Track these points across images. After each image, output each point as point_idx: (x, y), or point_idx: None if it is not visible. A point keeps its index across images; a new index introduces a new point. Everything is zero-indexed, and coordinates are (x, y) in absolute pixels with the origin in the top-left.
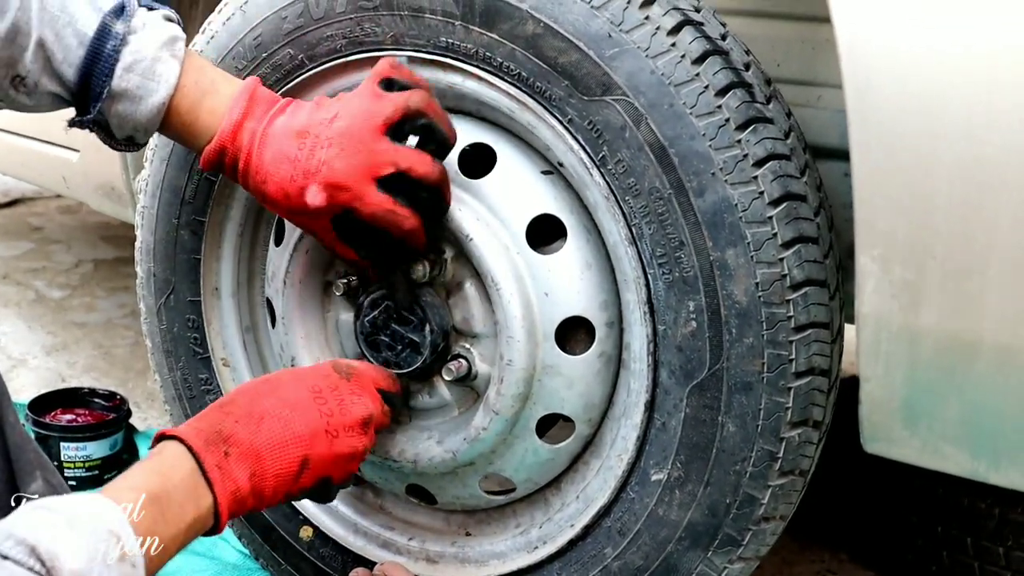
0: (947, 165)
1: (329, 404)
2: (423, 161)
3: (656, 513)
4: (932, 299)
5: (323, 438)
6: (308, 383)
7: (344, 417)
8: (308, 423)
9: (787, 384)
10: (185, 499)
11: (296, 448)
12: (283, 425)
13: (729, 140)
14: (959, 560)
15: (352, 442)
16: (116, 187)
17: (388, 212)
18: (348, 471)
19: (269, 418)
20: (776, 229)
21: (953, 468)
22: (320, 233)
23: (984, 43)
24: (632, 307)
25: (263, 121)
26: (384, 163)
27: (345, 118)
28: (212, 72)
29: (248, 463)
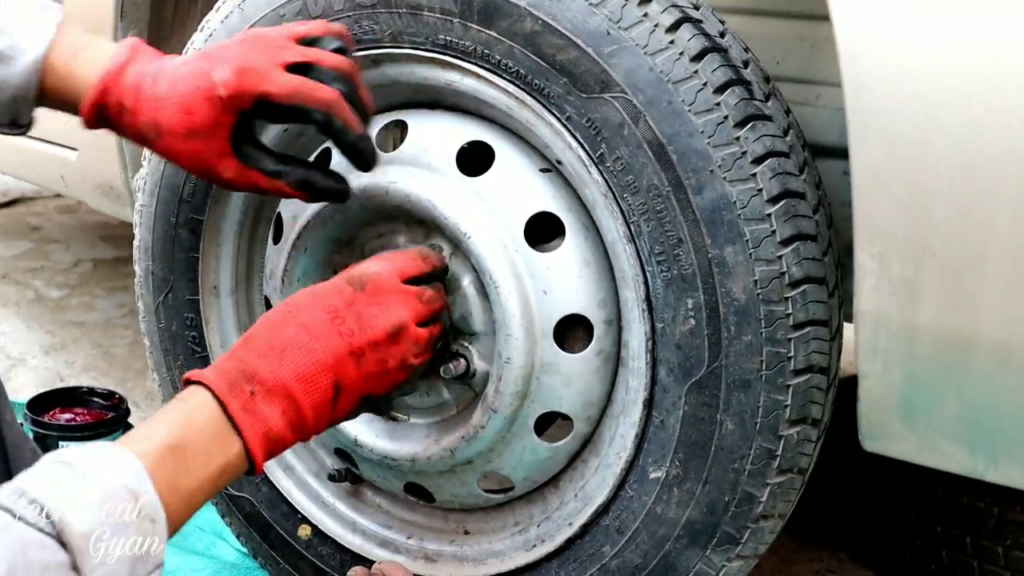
0: (946, 162)
1: (348, 322)
2: (332, 56)
3: (654, 511)
4: (930, 296)
5: (349, 360)
6: (324, 303)
7: (366, 333)
8: (330, 347)
9: (786, 382)
10: (210, 446)
11: (324, 376)
12: (306, 354)
13: (728, 137)
14: (958, 559)
15: (381, 356)
16: (114, 186)
17: (302, 84)
18: (391, 382)
19: (291, 349)
20: (775, 226)
21: (951, 466)
22: (220, 165)
23: (983, 41)
24: (631, 305)
25: (151, 63)
26: (291, 53)
27: (249, 35)
28: (88, 36)
29: (277, 400)
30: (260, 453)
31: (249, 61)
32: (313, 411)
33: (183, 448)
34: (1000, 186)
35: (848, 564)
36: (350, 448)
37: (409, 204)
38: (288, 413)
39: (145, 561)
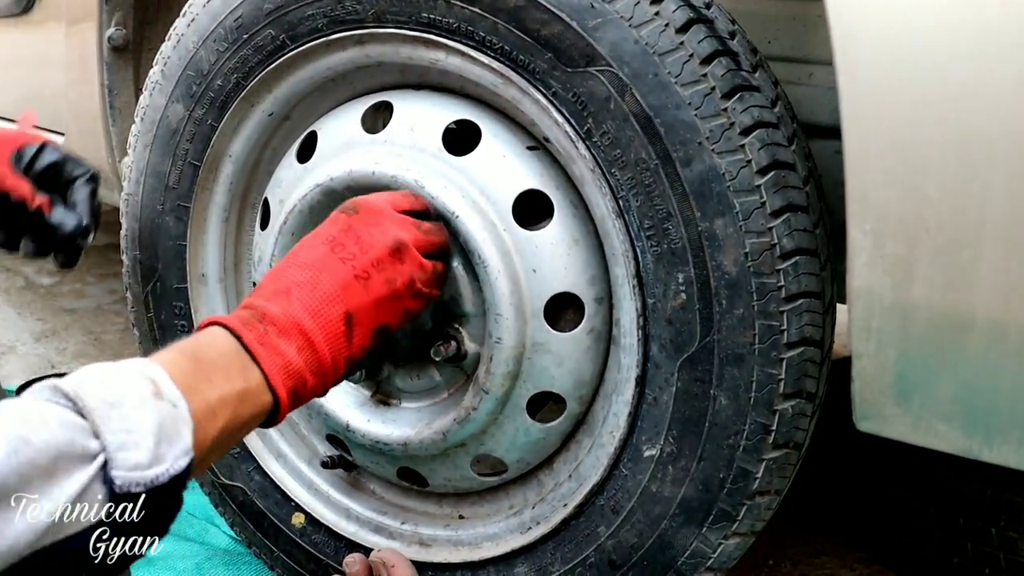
0: (939, 138)
1: (348, 247)
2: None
3: (649, 490)
4: (925, 274)
5: (355, 285)
6: (321, 237)
7: (367, 254)
8: (334, 275)
9: (779, 355)
10: (230, 367)
11: (334, 306)
12: (311, 288)
13: (715, 109)
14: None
15: (388, 276)
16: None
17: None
18: (403, 310)
19: (296, 287)
20: (765, 198)
21: (945, 446)
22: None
23: (976, 17)
24: (621, 281)
25: None
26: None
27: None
28: None
29: (291, 337)
30: (281, 386)
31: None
32: (328, 346)
33: (199, 360)
34: (994, 161)
35: (841, 546)
36: (342, 434)
37: (396, 185)
38: (304, 351)
39: (172, 441)
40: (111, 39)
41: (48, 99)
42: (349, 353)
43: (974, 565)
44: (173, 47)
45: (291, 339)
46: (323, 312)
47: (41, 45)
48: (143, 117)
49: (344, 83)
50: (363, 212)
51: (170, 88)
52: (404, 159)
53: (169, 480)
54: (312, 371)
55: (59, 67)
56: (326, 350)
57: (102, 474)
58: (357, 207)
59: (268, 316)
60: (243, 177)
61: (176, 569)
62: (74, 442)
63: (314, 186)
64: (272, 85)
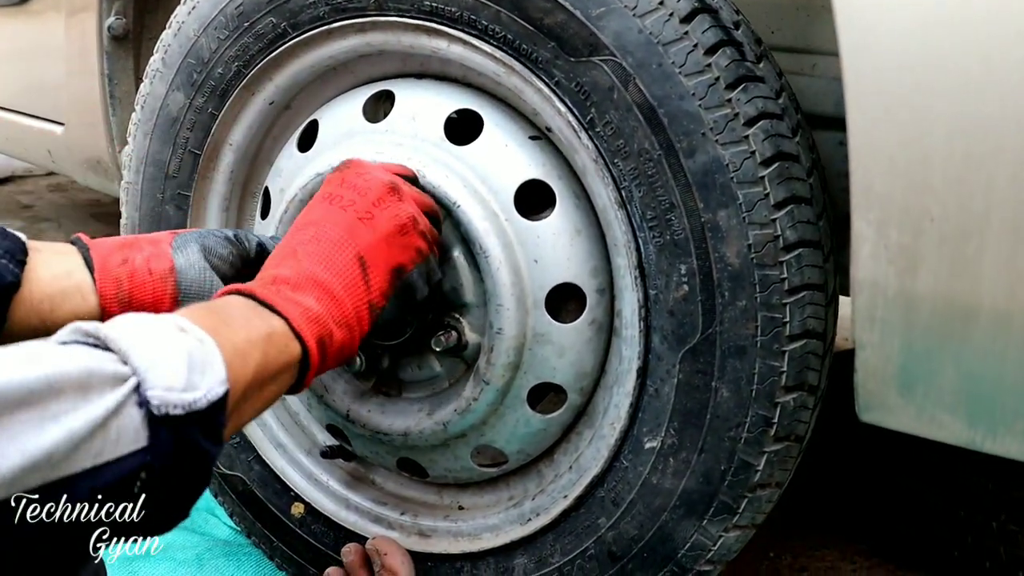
0: (944, 127)
1: (345, 196)
2: None
3: (650, 482)
4: (929, 264)
5: (361, 226)
6: (318, 198)
7: (365, 196)
8: (337, 224)
9: (781, 348)
10: (250, 317)
11: (343, 252)
12: (317, 242)
13: (719, 99)
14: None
15: (391, 212)
16: (102, 160)
17: None
18: (414, 249)
19: (302, 245)
20: (768, 189)
21: (949, 437)
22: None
23: (982, 5)
24: (623, 272)
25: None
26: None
27: None
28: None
29: (307, 289)
30: (308, 333)
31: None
32: (347, 293)
33: (217, 312)
34: (1000, 151)
35: (841, 539)
36: (342, 424)
37: None
38: (323, 300)
39: (204, 370)
40: (111, 28)
41: (48, 89)
42: (370, 298)
43: (974, 558)
44: (174, 35)
45: (308, 291)
46: (334, 260)
47: (41, 35)
48: (143, 106)
49: (345, 72)
50: (353, 166)
51: (170, 76)
52: (405, 148)
53: (208, 407)
54: (336, 321)
55: (59, 57)
56: (345, 297)
57: (136, 396)
58: (346, 164)
59: (279, 278)
60: (244, 166)
61: (176, 559)
62: (103, 366)
63: (315, 175)
64: (273, 73)
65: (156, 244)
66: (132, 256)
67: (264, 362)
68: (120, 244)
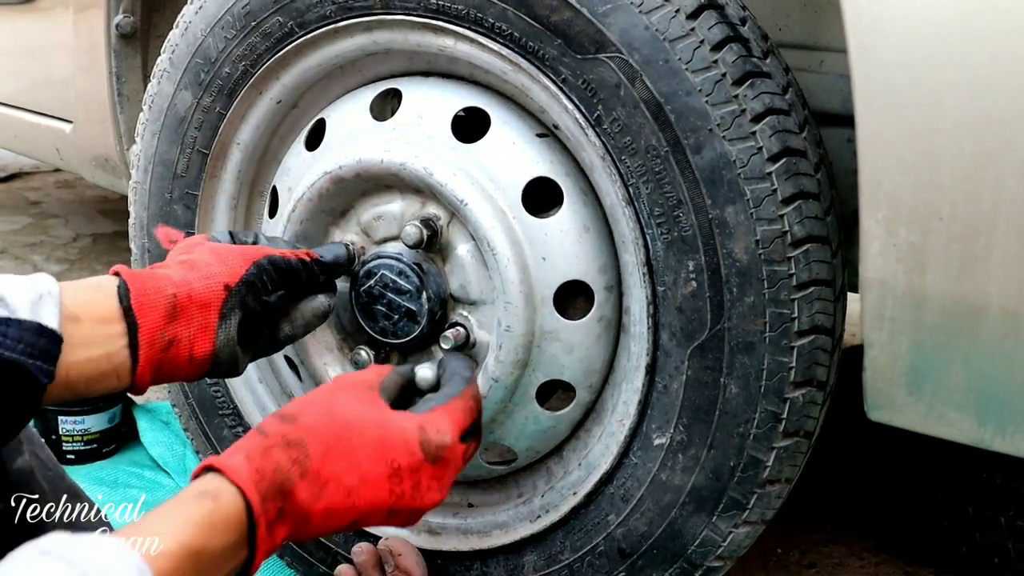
0: (953, 125)
1: (404, 486)
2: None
3: (659, 478)
4: (938, 262)
5: (382, 514)
6: (388, 458)
7: (415, 502)
8: (372, 500)
9: (790, 343)
10: (225, 559)
11: (350, 516)
12: (346, 495)
13: (726, 95)
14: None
15: (407, 519)
16: (110, 158)
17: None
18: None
19: (334, 484)
20: (776, 185)
21: (958, 435)
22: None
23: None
24: (631, 269)
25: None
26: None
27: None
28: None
29: (297, 525)
30: (257, 567)
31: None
32: (315, 535)
33: (202, 555)
34: (1009, 149)
35: (849, 535)
36: None
37: (404, 172)
38: (294, 533)
39: None
40: (119, 27)
41: (56, 87)
42: (320, 536)
43: (983, 554)
44: (181, 34)
45: (295, 526)
46: (338, 519)
47: (49, 33)
48: (151, 105)
49: (352, 70)
50: (439, 464)
51: (178, 76)
52: (413, 146)
53: None
54: (285, 544)
55: (67, 55)
56: (309, 535)
57: None
58: (439, 457)
59: (292, 499)
60: (251, 165)
61: None
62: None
63: (323, 174)
64: (280, 72)
65: (206, 313)
66: (179, 336)
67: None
68: (169, 313)
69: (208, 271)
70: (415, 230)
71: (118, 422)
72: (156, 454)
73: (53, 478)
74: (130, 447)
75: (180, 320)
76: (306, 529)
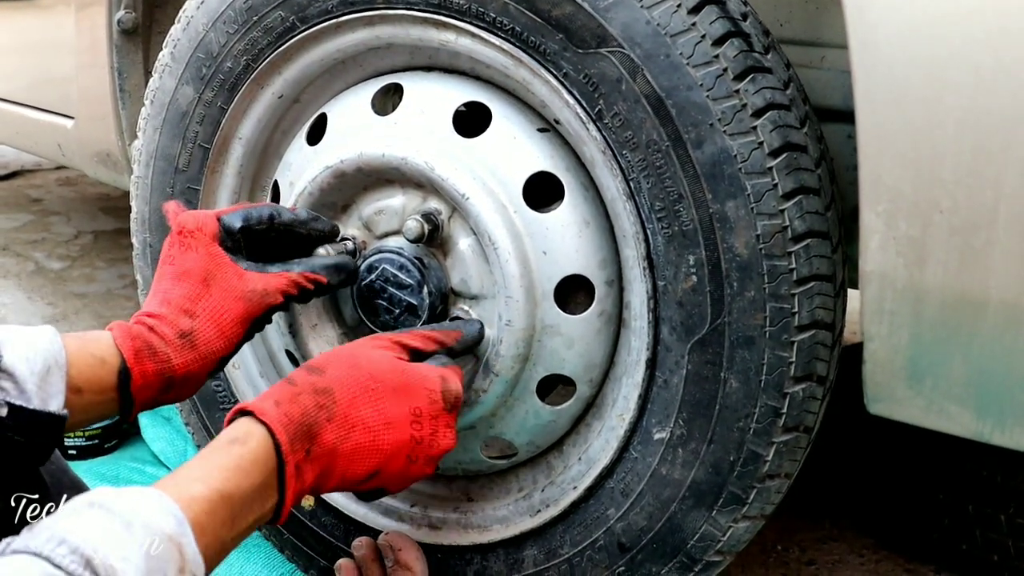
0: (954, 119)
1: (424, 430)
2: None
3: (659, 473)
4: (938, 256)
5: (402, 460)
6: (412, 403)
7: (432, 449)
8: (395, 442)
9: (790, 338)
10: (255, 501)
11: (374, 460)
12: (372, 437)
13: (727, 90)
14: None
15: (425, 469)
16: (111, 154)
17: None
18: (404, 488)
19: (361, 428)
20: (776, 180)
21: (957, 429)
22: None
23: None
24: (631, 263)
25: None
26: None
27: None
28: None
29: (323, 464)
30: (288, 509)
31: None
32: (340, 482)
33: (234, 498)
34: (1009, 143)
35: (849, 532)
36: None
37: (406, 167)
38: (321, 477)
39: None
40: (120, 22)
41: (58, 83)
42: (343, 488)
43: (983, 552)
44: (183, 29)
45: (319, 466)
46: (362, 460)
47: (51, 29)
48: (153, 100)
49: (354, 65)
50: (454, 413)
51: (180, 70)
52: (414, 141)
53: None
54: (313, 490)
55: (69, 50)
56: (335, 482)
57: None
58: (456, 404)
59: (318, 439)
60: (253, 160)
61: None
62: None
63: (324, 168)
64: (282, 67)
65: (198, 380)
66: (169, 399)
67: (240, 542)
68: (164, 388)
69: (208, 349)
70: (416, 224)
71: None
72: (158, 450)
73: (56, 472)
74: (132, 443)
75: (172, 393)
76: (332, 471)
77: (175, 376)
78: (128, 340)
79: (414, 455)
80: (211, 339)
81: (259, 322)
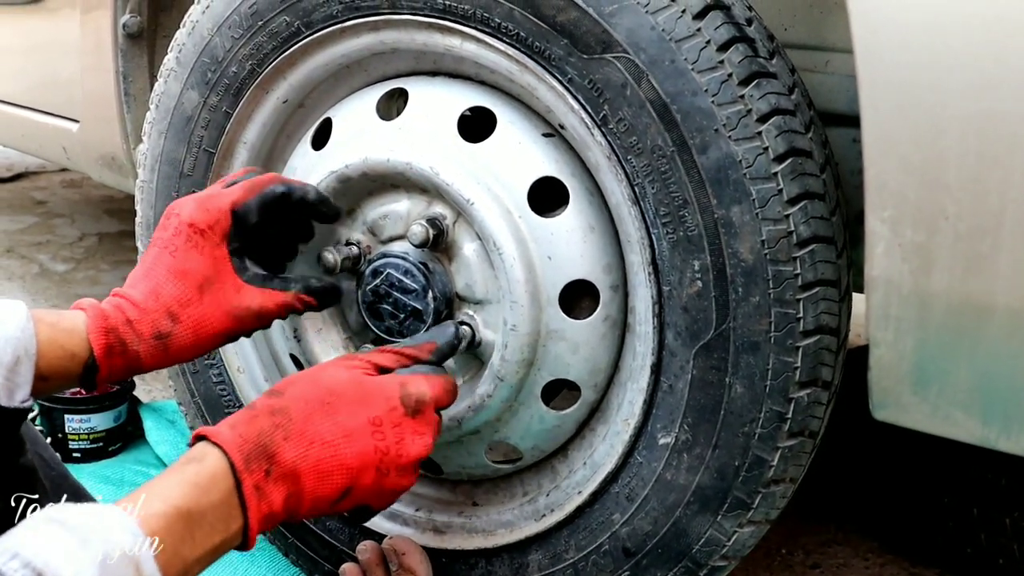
0: (959, 125)
1: (387, 440)
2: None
3: (664, 477)
4: (944, 261)
5: (372, 473)
6: (369, 413)
7: (399, 457)
8: (360, 454)
9: (795, 343)
10: (216, 520)
11: (341, 477)
12: (333, 452)
13: (732, 96)
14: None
15: (401, 481)
16: (116, 157)
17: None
18: (390, 502)
19: (319, 444)
20: (781, 185)
21: (963, 435)
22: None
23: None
24: (636, 269)
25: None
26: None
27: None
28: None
29: (288, 484)
30: (256, 532)
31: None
32: (313, 504)
33: (192, 514)
34: (1015, 148)
35: (854, 536)
36: None
37: (411, 172)
38: (290, 500)
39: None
40: (125, 26)
41: (63, 86)
42: (325, 512)
43: (988, 556)
44: (188, 34)
45: (285, 487)
46: (329, 478)
47: (56, 32)
48: (158, 104)
49: (359, 70)
50: (419, 418)
51: (185, 75)
52: (419, 146)
53: None
54: (287, 515)
55: (74, 54)
56: (308, 505)
57: None
58: (419, 410)
59: (277, 457)
60: (257, 164)
61: None
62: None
63: (329, 173)
64: (287, 72)
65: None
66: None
67: (205, 567)
68: (129, 371)
69: (179, 355)
70: (421, 229)
71: (124, 420)
72: (162, 452)
73: (56, 477)
74: (136, 446)
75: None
76: (301, 492)
77: (141, 369)
78: (101, 335)
79: (383, 467)
80: (186, 347)
81: (244, 334)
